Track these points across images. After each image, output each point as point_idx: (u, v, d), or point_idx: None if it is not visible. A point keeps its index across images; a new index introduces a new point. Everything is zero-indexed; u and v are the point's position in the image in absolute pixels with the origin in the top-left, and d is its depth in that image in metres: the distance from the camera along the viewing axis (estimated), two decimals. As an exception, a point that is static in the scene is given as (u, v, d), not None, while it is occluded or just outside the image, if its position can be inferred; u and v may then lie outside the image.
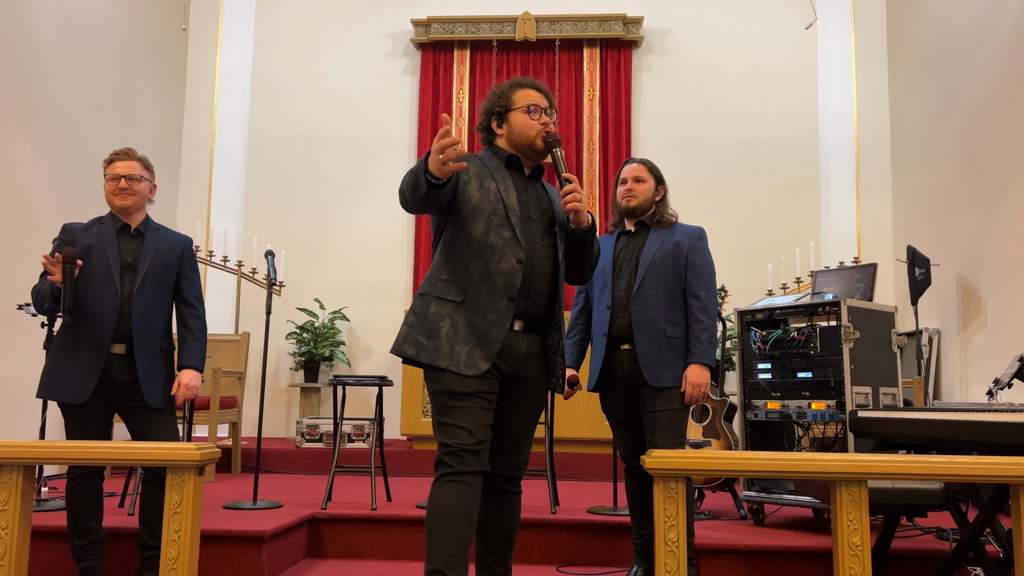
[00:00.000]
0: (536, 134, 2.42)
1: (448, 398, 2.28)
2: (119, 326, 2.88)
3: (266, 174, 7.08)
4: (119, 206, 2.99)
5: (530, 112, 2.43)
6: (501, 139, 2.49)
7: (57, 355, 2.88)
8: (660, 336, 2.92)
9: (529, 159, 2.48)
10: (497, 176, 2.41)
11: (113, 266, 2.93)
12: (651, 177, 3.11)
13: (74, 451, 2.19)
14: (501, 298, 2.31)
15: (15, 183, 4.83)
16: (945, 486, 2.48)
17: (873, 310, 3.55)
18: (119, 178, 2.99)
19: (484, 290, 2.32)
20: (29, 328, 4.77)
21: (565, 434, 5.29)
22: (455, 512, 2.19)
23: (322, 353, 6.50)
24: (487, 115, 2.50)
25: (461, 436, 2.24)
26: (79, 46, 5.53)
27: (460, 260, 2.35)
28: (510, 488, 2.44)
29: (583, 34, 6.95)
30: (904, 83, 6.48)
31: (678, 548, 1.93)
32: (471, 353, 2.28)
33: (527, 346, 2.38)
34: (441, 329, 2.31)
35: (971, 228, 5.20)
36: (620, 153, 6.86)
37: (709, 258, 3.06)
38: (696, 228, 3.08)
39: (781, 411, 3.53)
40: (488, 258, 2.33)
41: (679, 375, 2.91)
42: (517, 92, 2.47)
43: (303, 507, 3.72)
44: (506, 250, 2.33)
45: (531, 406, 2.44)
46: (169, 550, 2.10)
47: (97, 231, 2.98)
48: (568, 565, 3.46)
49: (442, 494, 2.22)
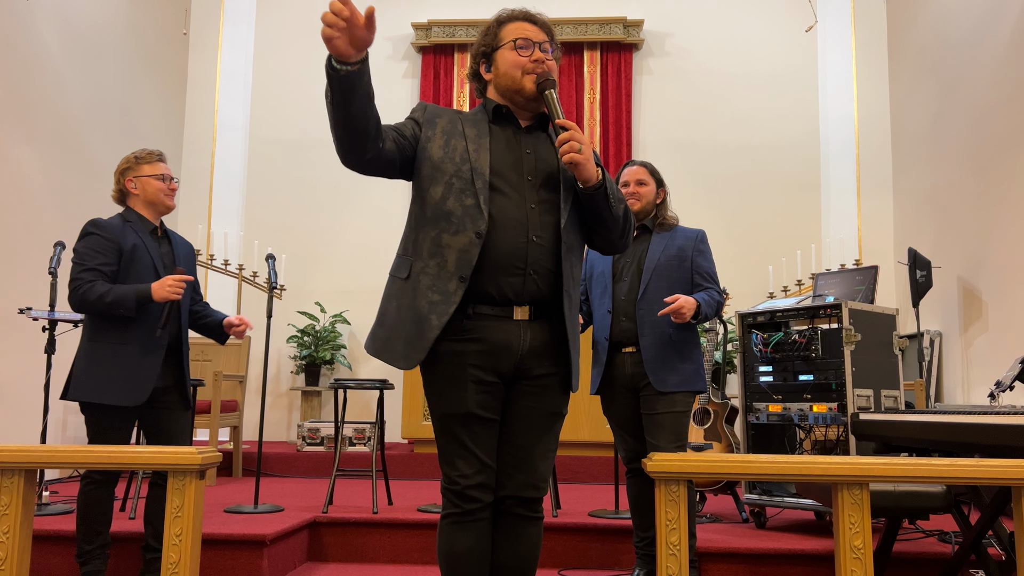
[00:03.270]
0: (523, 74, 1.96)
1: (442, 418, 1.93)
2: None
3: (267, 178, 7.08)
4: (169, 206, 2.99)
5: (518, 48, 1.97)
6: (490, 86, 2.05)
7: (104, 359, 2.79)
8: (666, 339, 2.91)
9: (522, 108, 2.03)
10: (471, 133, 1.97)
11: (159, 268, 2.90)
12: (652, 180, 3.11)
13: (76, 455, 2.19)
14: (451, 277, 1.88)
15: (16, 187, 4.84)
16: (947, 489, 2.48)
17: (874, 312, 3.55)
18: (169, 178, 2.98)
19: (431, 265, 1.90)
20: (30, 332, 4.77)
21: (566, 437, 5.28)
22: (467, 556, 1.91)
23: (323, 356, 6.50)
24: (475, 59, 2.07)
25: (464, 470, 1.90)
26: (80, 50, 5.54)
27: (413, 232, 1.97)
28: (526, 513, 1.97)
29: (584, 37, 6.96)
30: (904, 85, 6.49)
31: (680, 551, 1.93)
32: (407, 341, 1.89)
33: (532, 339, 1.94)
34: (387, 314, 1.95)
35: (972, 230, 5.20)
36: (621, 155, 6.86)
37: (712, 260, 3.08)
38: (697, 231, 3.09)
39: (782, 414, 3.52)
40: (442, 228, 1.91)
41: (684, 379, 2.91)
42: (507, 26, 2.02)
43: (304, 511, 3.72)
44: (464, 220, 1.89)
45: (545, 408, 1.98)
46: (170, 554, 2.09)
47: (134, 231, 2.92)
48: (569, 568, 3.46)
49: (450, 538, 1.91)
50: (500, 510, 1.97)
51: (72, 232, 5.27)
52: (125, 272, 2.84)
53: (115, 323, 2.80)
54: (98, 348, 2.81)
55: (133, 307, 2.75)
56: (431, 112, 2.03)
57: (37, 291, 4.81)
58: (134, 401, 2.79)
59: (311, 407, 6.51)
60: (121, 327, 2.80)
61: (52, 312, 3.86)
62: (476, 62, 2.07)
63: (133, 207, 2.98)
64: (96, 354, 2.80)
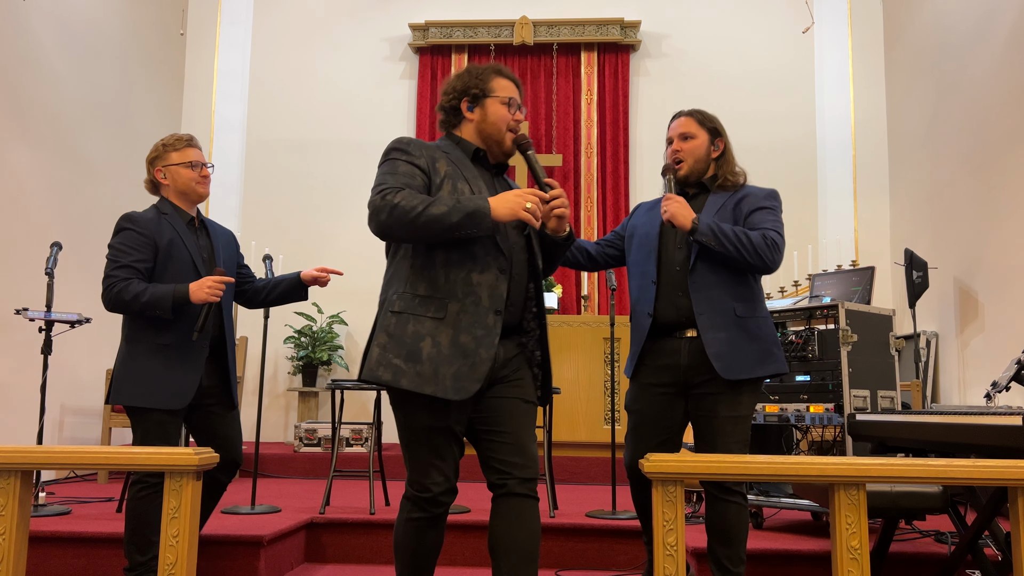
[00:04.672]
0: (507, 130, 2.22)
1: (422, 432, 2.10)
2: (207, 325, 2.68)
3: (264, 178, 7.08)
4: (202, 194, 2.80)
5: (509, 105, 2.22)
6: (469, 125, 2.24)
7: (145, 360, 2.63)
8: (729, 318, 2.44)
9: (494, 155, 2.26)
10: (468, 175, 2.17)
11: (197, 263, 2.72)
12: (703, 131, 2.59)
13: (72, 456, 2.19)
14: (487, 312, 2.09)
15: (12, 188, 4.83)
16: (943, 489, 2.49)
17: (871, 313, 3.56)
18: (200, 165, 2.79)
19: (468, 304, 2.09)
20: (26, 333, 4.76)
21: (564, 438, 5.29)
22: (431, 551, 2.17)
23: (320, 357, 6.49)
24: (459, 94, 2.24)
25: (436, 478, 2.10)
26: (77, 51, 5.53)
27: (438, 273, 2.11)
28: (526, 492, 2.11)
29: (581, 38, 6.96)
30: (901, 86, 6.50)
31: (677, 552, 1.93)
32: (457, 374, 2.06)
33: (504, 354, 2.17)
34: (423, 350, 2.07)
35: (969, 231, 5.21)
36: (618, 157, 6.87)
37: (778, 218, 2.53)
38: (767, 189, 2.61)
39: (779, 414, 3.53)
40: (469, 268, 2.10)
41: (751, 363, 2.43)
42: (498, 79, 2.24)
43: (301, 512, 3.72)
44: (487, 258, 2.11)
45: (523, 396, 2.19)
46: (167, 555, 2.09)
47: (170, 224, 2.72)
48: (567, 569, 3.46)
49: (411, 540, 2.14)
50: (501, 495, 2.10)
51: (69, 232, 5.27)
52: (162, 269, 2.67)
53: (153, 324, 2.63)
54: (137, 350, 2.65)
55: (170, 309, 2.58)
56: (426, 154, 2.17)
57: (33, 292, 4.80)
58: (178, 404, 2.63)
59: (308, 408, 6.50)
60: (159, 328, 2.64)
61: (48, 313, 3.85)
62: (459, 99, 2.24)
63: (167, 197, 2.79)
64: (135, 357, 2.65)
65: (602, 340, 5.42)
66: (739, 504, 2.42)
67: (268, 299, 2.96)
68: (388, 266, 2.23)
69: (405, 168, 2.12)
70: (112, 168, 5.91)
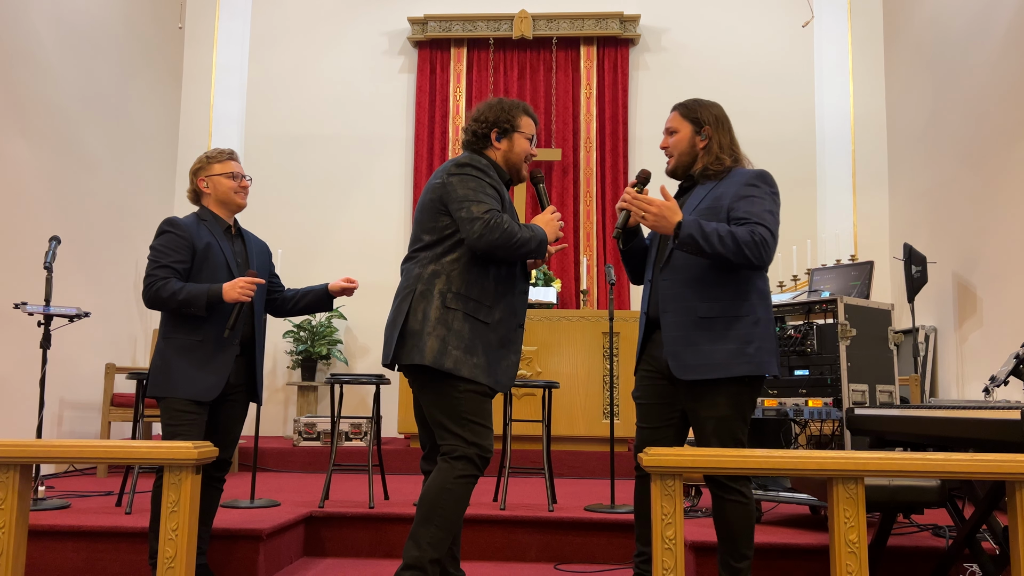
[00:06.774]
0: (525, 162, 2.64)
1: (484, 400, 2.48)
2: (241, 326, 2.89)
3: (263, 173, 7.05)
4: (240, 204, 3.01)
5: (531, 141, 2.64)
6: (496, 153, 2.62)
7: (179, 355, 2.81)
8: (691, 316, 2.42)
9: (511, 182, 2.67)
10: (507, 199, 2.57)
11: (232, 266, 2.92)
12: (686, 123, 2.56)
13: (71, 450, 2.19)
14: (516, 324, 2.56)
15: (10, 182, 4.82)
16: (941, 483, 2.49)
17: (870, 308, 3.56)
18: (240, 176, 3.00)
19: (507, 314, 2.53)
20: (25, 327, 4.76)
21: (562, 432, 5.30)
22: (463, 512, 2.45)
23: (319, 351, 6.49)
24: (491, 125, 2.60)
25: (490, 441, 2.47)
26: (74, 45, 5.52)
27: (489, 284, 2.50)
28: None
29: (580, 32, 6.95)
30: (900, 81, 6.49)
31: (675, 546, 1.94)
32: (504, 371, 2.52)
33: None
34: (479, 347, 2.46)
35: (967, 225, 5.21)
36: (617, 151, 6.86)
37: (766, 203, 2.43)
38: (753, 171, 2.51)
39: (778, 408, 3.53)
40: (510, 285, 2.54)
41: (712, 364, 2.37)
42: (524, 118, 2.63)
43: (300, 506, 3.72)
44: (520, 280, 2.57)
45: None
46: (166, 548, 2.10)
47: (208, 229, 2.93)
48: (565, 563, 3.46)
49: (463, 497, 2.42)
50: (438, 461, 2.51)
51: (67, 226, 5.27)
52: (198, 270, 2.86)
53: (188, 321, 2.82)
54: (172, 345, 2.83)
55: (204, 306, 2.76)
56: (497, 176, 2.56)
57: (32, 286, 4.80)
58: (206, 396, 2.79)
59: (307, 402, 6.51)
60: (194, 325, 2.82)
61: (47, 307, 3.85)
62: (490, 128, 2.59)
63: (207, 206, 2.99)
64: (170, 351, 2.83)
65: (601, 335, 5.42)
66: (736, 501, 2.44)
67: (296, 308, 3.18)
68: (427, 260, 2.51)
69: (492, 191, 2.48)
70: (110, 162, 5.90)
